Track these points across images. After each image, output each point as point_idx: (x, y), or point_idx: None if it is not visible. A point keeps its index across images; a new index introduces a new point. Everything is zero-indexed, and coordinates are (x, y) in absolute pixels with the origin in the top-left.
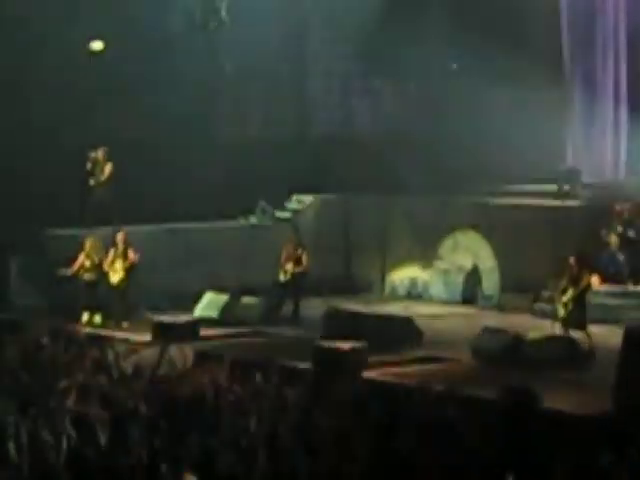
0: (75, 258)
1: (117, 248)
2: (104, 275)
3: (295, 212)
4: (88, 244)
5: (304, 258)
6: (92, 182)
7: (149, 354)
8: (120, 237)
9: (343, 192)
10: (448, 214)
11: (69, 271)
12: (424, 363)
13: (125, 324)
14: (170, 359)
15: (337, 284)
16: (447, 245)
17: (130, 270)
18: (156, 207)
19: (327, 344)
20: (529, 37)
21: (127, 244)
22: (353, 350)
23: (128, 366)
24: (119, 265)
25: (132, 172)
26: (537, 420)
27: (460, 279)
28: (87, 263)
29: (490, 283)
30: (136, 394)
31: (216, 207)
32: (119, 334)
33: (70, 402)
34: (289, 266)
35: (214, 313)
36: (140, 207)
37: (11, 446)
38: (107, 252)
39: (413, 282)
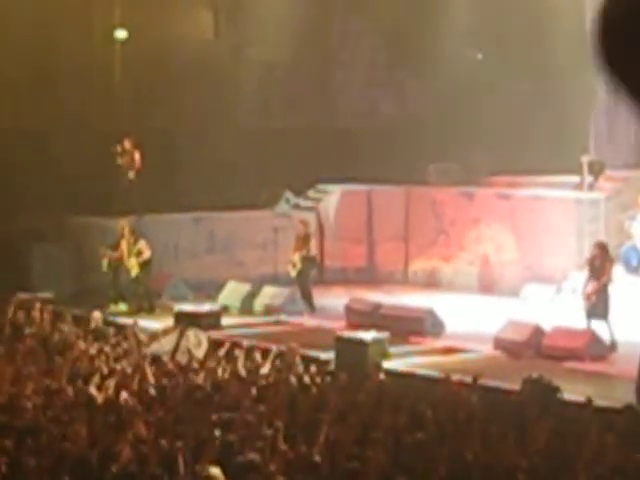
0: (117, 244)
1: (127, 240)
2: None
3: (318, 202)
4: (126, 230)
5: (312, 246)
6: (124, 171)
7: (168, 341)
8: (126, 229)
9: (367, 182)
10: (472, 205)
11: (115, 255)
12: (446, 354)
13: (147, 313)
14: (187, 346)
15: (360, 274)
16: (470, 236)
17: (145, 264)
18: (180, 195)
19: (349, 334)
20: (553, 26)
21: (135, 236)
22: (375, 340)
23: (147, 353)
24: (134, 261)
25: (155, 160)
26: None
27: (482, 269)
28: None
29: (511, 273)
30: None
31: (240, 196)
32: (141, 323)
33: (92, 390)
34: (296, 258)
35: (236, 302)
36: (164, 195)
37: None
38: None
39: (436, 273)
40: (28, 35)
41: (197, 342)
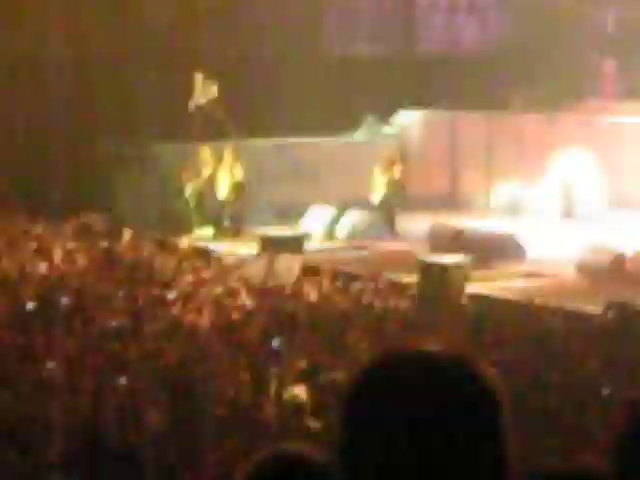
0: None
1: (225, 163)
2: (213, 189)
3: (402, 128)
4: (206, 155)
5: (397, 171)
6: (199, 101)
7: (256, 267)
8: (228, 152)
9: (450, 109)
10: (554, 131)
11: (200, 180)
12: (528, 278)
13: (233, 237)
14: (276, 271)
15: (442, 199)
16: (552, 161)
17: (237, 186)
18: (265, 121)
19: (432, 258)
20: None
21: (234, 159)
22: (457, 265)
23: (235, 278)
24: (227, 181)
25: (241, 86)
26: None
27: (564, 194)
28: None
29: (593, 199)
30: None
31: (324, 122)
32: (227, 247)
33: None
34: (380, 183)
35: (320, 227)
36: (249, 121)
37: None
38: (215, 167)
39: (518, 198)
40: None
41: (288, 267)
